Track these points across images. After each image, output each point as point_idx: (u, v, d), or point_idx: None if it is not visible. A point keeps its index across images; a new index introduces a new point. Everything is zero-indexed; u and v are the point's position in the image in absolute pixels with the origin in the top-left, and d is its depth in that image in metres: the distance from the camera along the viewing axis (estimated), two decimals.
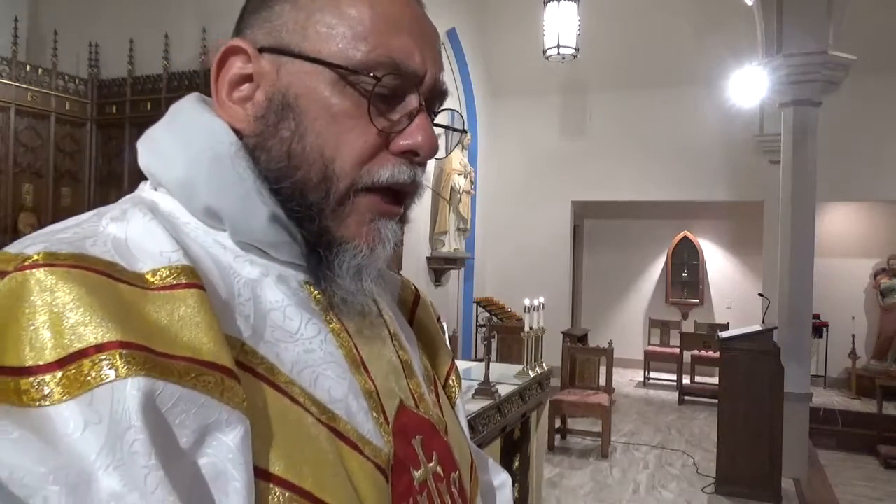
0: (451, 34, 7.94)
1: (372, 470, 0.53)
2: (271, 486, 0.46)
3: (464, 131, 0.81)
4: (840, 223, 8.97)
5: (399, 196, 0.59)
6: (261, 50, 0.57)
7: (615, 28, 8.08)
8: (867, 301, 8.83)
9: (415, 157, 0.58)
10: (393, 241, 0.58)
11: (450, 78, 8.23)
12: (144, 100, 5.30)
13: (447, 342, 0.83)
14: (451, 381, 0.78)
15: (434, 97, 0.61)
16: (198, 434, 0.43)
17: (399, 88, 0.57)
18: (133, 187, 0.61)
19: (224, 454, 0.43)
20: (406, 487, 0.56)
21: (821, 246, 6.46)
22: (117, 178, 5.33)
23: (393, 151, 0.57)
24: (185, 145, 0.57)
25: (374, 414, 0.57)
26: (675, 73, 8.06)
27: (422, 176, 0.60)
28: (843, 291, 8.73)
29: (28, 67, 5.10)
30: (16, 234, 4.93)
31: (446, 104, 0.64)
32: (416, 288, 0.81)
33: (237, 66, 0.58)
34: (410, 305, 0.79)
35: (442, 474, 0.61)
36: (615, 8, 7.97)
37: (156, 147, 0.59)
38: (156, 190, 0.58)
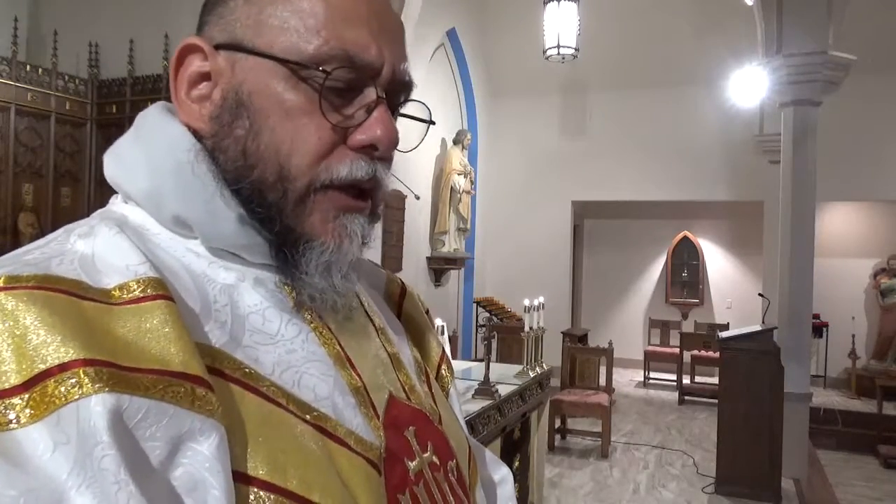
0: (451, 34, 7.94)
1: (362, 464, 0.53)
2: (254, 489, 0.46)
3: (431, 122, 0.78)
4: (840, 223, 8.97)
5: (363, 192, 0.57)
6: (217, 47, 0.57)
7: (615, 28, 8.09)
8: (867, 301, 8.83)
9: (374, 152, 0.56)
10: (361, 236, 0.57)
11: (450, 78, 8.23)
12: (144, 100, 5.29)
13: (437, 332, 0.82)
14: (443, 371, 0.78)
15: (397, 89, 0.59)
16: (171, 445, 0.42)
17: (355, 81, 0.56)
18: None
19: (200, 463, 0.43)
20: (401, 479, 0.56)
21: (821, 246, 6.46)
22: None
23: (351, 146, 0.56)
24: (148, 156, 0.56)
25: (363, 409, 0.56)
26: (675, 73, 8.06)
27: (385, 172, 0.58)
28: (843, 291, 8.73)
29: (28, 67, 5.10)
30: (16, 235, 4.93)
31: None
32: (401, 281, 0.81)
33: (195, 65, 0.57)
34: (397, 299, 0.78)
35: (438, 463, 0.61)
36: (615, 8, 7.97)
37: (120, 159, 0.59)
38: (126, 202, 0.58)
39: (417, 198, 6.21)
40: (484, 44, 8.76)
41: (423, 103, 0.65)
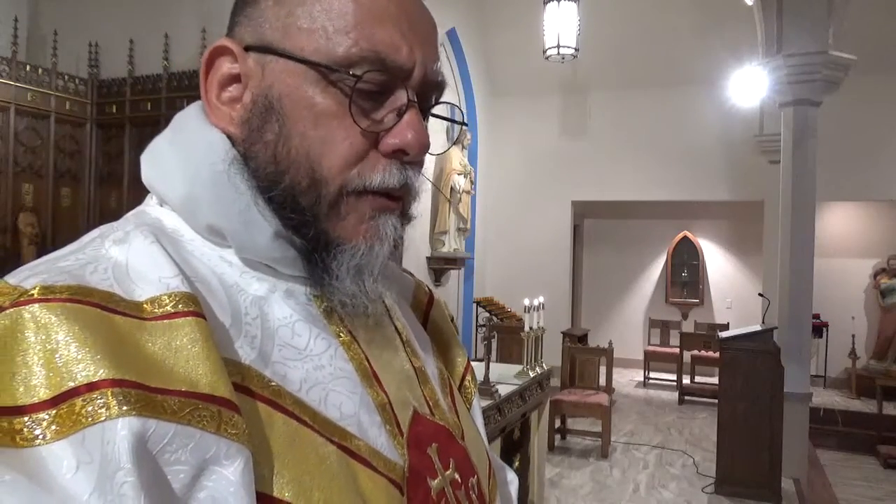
0: (451, 34, 7.94)
1: (385, 485, 0.53)
2: None
3: (463, 124, 0.77)
4: (840, 223, 8.97)
5: (393, 196, 0.57)
6: (247, 48, 0.56)
7: (615, 28, 8.08)
8: (867, 301, 8.83)
9: (404, 156, 0.55)
10: (392, 238, 0.56)
11: (450, 78, 8.23)
12: (144, 100, 5.29)
13: (461, 342, 0.82)
14: (467, 382, 0.78)
15: (428, 90, 0.58)
16: (195, 469, 0.42)
17: (386, 84, 0.54)
18: (133, 187, 0.61)
19: (225, 487, 0.42)
20: (423, 498, 0.56)
21: (821, 246, 6.45)
22: (117, 179, 5.32)
23: (382, 151, 0.55)
24: (185, 161, 0.56)
25: (388, 426, 0.56)
26: (675, 73, 8.06)
27: (416, 177, 0.57)
28: (843, 291, 8.73)
29: (28, 67, 5.10)
30: (16, 235, 4.93)
31: (445, 97, 0.62)
32: (430, 289, 0.80)
33: (225, 67, 0.56)
34: (424, 307, 0.78)
35: (460, 480, 0.61)
36: (615, 8, 7.96)
37: (158, 162, 0.58)
38: (161, 205, 0.58)
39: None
40: (484, 43, 8.75)
41: (457, 105, 0.65)
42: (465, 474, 0.62)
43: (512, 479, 0.85)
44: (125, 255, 0.49)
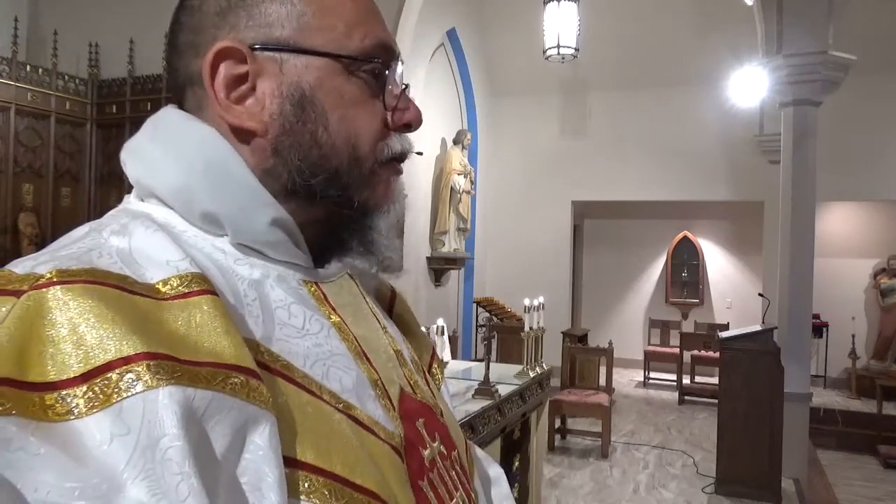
0: (451, 34, 7.94)
1: (388, 451, 0.56)
2: (305, 473, 0.48)
3: (406, 85, 0.84)
4: (840, 223, 8.97)
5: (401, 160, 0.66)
6: (252, 48, 0.58)
7: (615, 28, 8.08)
8: (867, 301, 8.83)
9: (409, 130, 0.65)
10: (402, 195, 0.66)
11: (450, 78, 8.23)
12: (144, 100, 5.30)
13: (425, 334, 0.86)
14: (434, 370, 0.82)
15: None
16: (231, 436, 0.44)
17: (389, 68, 0.62)
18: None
19: (255, 452, 0.45)
20: (419, 466, 0.59)
21: (821, 246, 6.45)
22: (117, 178, 5.32)
23: (393, 126, 0.63)
24: (177, 153, 0.57)
25: (382, 401, 0.59)
26: (675, 73, 8.06)
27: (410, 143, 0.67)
28: (843, 291, 8.72)
29: (28, 67, 5.10)
30: (16, 234, 4.93)
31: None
32: (390, 284, 0.84)
33: (231, 68, 0.58)
34: (388, 301, 0.81)
35: (445, 453, 0.65)
36: (615, 8, 7.96)
37: (142, 157, 0.59)
38: (142, 201, 0.59)
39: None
40: (484, 44, 8.75)
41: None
42: (448, 448, 0.66)
43: (497, 474, 0.87)
44: (128, 243, 0.51)
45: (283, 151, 0.58)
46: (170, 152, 0.57)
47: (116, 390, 0.40)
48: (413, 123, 0.64)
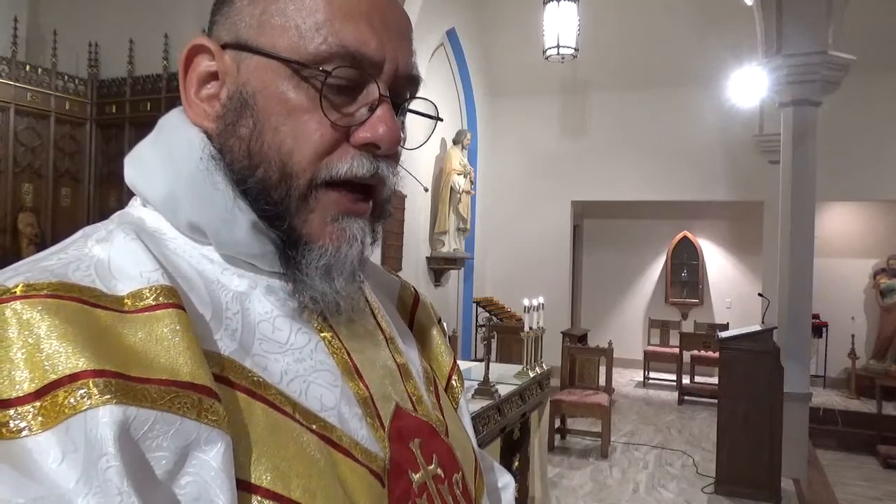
0: (451, 34, 7.94)
1: (365, 474, 0.53)
2: (259, 498, 0.46)
3: (438, 118, 0.75)
4: (840, 223, 8.97)
5: (367, 191, 0.58)
6: (223, 46, 0.57)
7: (615, 28, 8.08)
8: (867, 301, 8.83)
9: (376, 150, 0.56)
10: (361, 239, 0.57)
11: (450, 78, 8.23)
12: (144, 100, 5.28)
13: (448, 343, 0.82)
14: (453, 382, 0.78)
15: (402, 84, 0.59)
16: (177, 455, 0.43)
17: (357, 79, 0.55)
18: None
19: (206, 473, 0.43)
20: (404, 491, 0.56)
21: (821, 246, 6.46)
22: (117, 179, 5.32)
23: (353, 144, 0.56)
24: (166, 161, 0.57)
25: (369, 419, 0.57)
26: (675, 73, 8.06)
27: (389, 170, 0.58)
28: (843, 291, 8.73)
29: (28, 67, 5.09)
30: (15, 235, 4.92)
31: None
32: (415, 290, 0.81)
33: (203, 64, 0.58)
34: (410, 308, 0.78)
35: (443, 476, 0.61)
36: (615, 8, 7.97)
37: (139, 163, 0.59)
38: (144, 206, 0.59)
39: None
40: (484, 44, 8.75)
41: (430, 101, 0.65)
42: (448, 470, 0.62)
43: (506, 483, 0.85)
44: (107, 253, 0.50)
45: (224, 154, 0.56)
46: (163, 159, 0.57)
47: (64, 408, 0.40)
48: (379, 143, 0.56)
